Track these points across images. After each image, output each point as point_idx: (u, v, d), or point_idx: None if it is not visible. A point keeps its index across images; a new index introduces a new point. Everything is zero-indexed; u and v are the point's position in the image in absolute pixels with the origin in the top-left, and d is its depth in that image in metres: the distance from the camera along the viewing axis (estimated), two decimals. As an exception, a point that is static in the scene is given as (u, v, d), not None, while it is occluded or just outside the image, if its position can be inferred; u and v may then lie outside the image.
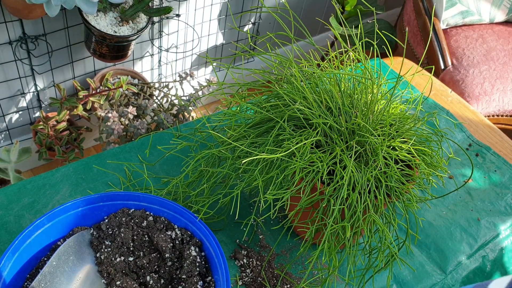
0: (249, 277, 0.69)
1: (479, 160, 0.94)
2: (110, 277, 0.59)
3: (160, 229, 0.63)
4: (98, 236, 0.63)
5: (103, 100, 1.31)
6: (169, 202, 0.64)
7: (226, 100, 0.73)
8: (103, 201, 0.64)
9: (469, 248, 0.79)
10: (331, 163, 0.60)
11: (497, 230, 0.82)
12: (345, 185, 0.57)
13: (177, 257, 0.62)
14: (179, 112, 1.42)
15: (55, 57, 1.42)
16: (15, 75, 1.38)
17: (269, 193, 0.60)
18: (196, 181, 0.71)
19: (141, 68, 1.67)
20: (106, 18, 1.29)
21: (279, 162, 0.62)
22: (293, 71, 0.67)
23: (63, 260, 0.59)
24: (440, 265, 0.76)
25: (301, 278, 0.70)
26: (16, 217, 0.69)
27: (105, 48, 1.32)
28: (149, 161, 0.80)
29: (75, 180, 0.75)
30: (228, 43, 1.85)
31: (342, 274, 0.71)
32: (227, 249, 0.72)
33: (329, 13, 2.09)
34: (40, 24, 1.31)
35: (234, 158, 0.66)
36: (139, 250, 0.62)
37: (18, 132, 1.55)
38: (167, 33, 1.61)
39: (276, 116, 0.65)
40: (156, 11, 1.31)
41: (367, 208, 0.59)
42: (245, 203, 0.77)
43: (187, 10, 1.61)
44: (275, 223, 0.76)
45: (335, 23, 1.62)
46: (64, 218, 0.62)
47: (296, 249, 0.74)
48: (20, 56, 1.34)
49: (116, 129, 1.28)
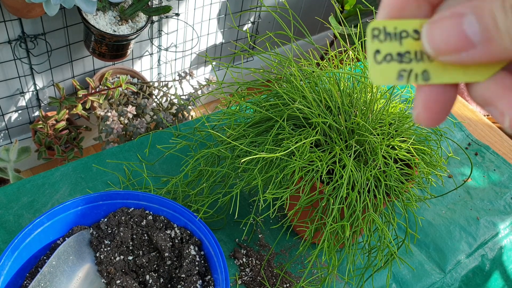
0: (248, 276, 0.69)
1: (478, 159, 0.94)
2: (109, 276, 0.59)
3: (159, 228, 0.63)
4: (97, 236, 0.63)
5: (103, 99, 1.31)
6: (169, 201, 0.64)
7: (225, 99, 0.73)
8: (103, 200, 0.64)
9: (468, 247, 0.79)
10: (331, 162, 0.60)
11: (496, 229, 0.82)
12: (344, 184, 0.57)
13: (176, 256, 0.62)
14: (179, 111, 1.42)
15: (54, 56, 1.42)
16: (14, 74, 1.38)
17: (268, 192, 0.60)
18: (195, 180, 0.71)
19: (140, 67, 1.67)
20: (105, 17, 1.29)
21: (278, 161, 0.62)
22: (293, 70, 0.67)
23: (63, 260, 0.59)
24: (440, 264, 0.76)
25: (300, 277, 0.70)
26: (15, 216, 0.69)
27: (105, 47, 1.32)
28: (149, 160, 0.80)
29: (75, 179, 0.75)
30: (228, 42, 1.85)
31: (342, 273, 0.71)
32: (227, 248, 0.72)
33: (329, 12, 2.09)
34: (39, 23, 1.31)
35: (233, 157, 0.66)
36: (138, 249, 0.62)
37: (17, 131, 1.55)
38: (167, 32, 1.61)
39: (276, 115, 0.65)
40: (155, 10, 1.31)
41: (367, 207, 0.59)
42: (245, 202, 0.77)
43: (186, 9, 1.61)
44: (274, 222, 0.76)
45: (334, 22, 1.62)
46: (64, 217, 0.62)
47: (296, 248, 0.74)
48: (19, 55, 1.34)
49: (115, 128, 1.28)
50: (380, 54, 0.21)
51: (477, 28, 0.19)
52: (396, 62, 0.21)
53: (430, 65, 0.21)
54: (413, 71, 0.21)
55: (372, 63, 0.22)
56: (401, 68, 0.21)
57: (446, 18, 0.20)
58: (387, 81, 0.22)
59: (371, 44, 0.21)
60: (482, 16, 0.19)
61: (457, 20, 0.19)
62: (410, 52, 0.21)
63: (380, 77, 0.22)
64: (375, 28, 0.21)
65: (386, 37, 0.21)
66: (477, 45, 0.19)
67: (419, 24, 0.21)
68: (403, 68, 0.21)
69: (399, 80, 0.22)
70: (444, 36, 0.20)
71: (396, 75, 0.22)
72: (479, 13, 0.19)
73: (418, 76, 0.21)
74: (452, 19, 0.19)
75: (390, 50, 0.21)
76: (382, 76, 0.22)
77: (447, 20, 0.20)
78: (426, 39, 0.20)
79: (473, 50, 0.19)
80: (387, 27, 0.21)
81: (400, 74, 0.21)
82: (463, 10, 0.19)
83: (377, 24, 0.21)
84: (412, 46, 0.21)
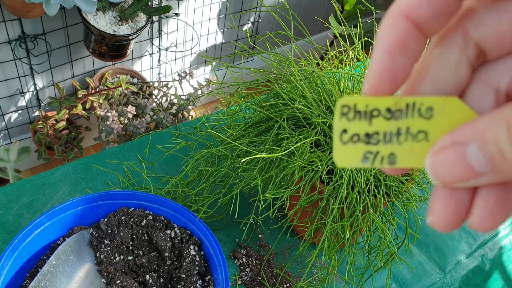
0: (248, 276, 0.69)
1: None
2: (109, 276, 0.59)
3: (159, 228, 0.63)
4: (97, 236, 0.63)
5: (103, 99, 1.31)
6: (169, 201, 0.64)
7: (225, 99, 0.73)
8: (103, 200, 0.64)
9: (468, 247, 0.79)
10: (331, 162, 0.60)
11: (496, 229, 0.82)
12: (344, 184, 0.57)
13: (176, 256, 0.62)
14: (179, 111, 1.42)
15: (54, 56, 1.42)
16: (14, 74, 1.38)
17: (268, 192, 0.60)
18: (195, 180, 0.71)
19: (140, 67, 1.67)
20: (105, 17, 1.29)
21: (278, 161, 0.62)
22: (293, 70, 0.67)
23: (63, 260, 0.59)
24: (439, 264, 0.76)
25: (300, 277, 0.70)
26: (15, 216, 0.69)
27: (104, 47, 1.32)
28: (149, 160, 0.80)
29: (75, 179, 0.75)
30: (228, 42, 1.85)
31: (342, 273, 0.71)
32: (227, 248, 0.72)
33: (329, 12, 2.09)
34: (39, 23, 1.31)
35: (233, 157, 0.66)
36: (138, 249, 0.62)
37: (17, 131, 1.55)
38: (167, 32, 1.61)
39: (276, 115, 0.65)
40: (155, 10, 1.31)
41: (367, 207, 0.59)
42: (245, 202, 0.77)
43: (186, 9, 1.60)
44: (274, 222, 0.76)
45: (334, 22, 1.62)
46: (64, 217, 0.62)
47: (296, 248, 0.74)
48: (19, 55, 1.34)
49: (115, 128, 1.28)
50: (347, 134, 0.20)
51: (483, 160, 0.18)
52: (362, 143, 0.20)
53: (398, 148, 0.20)
54: (379, 154, 0.20)
55: (337, 143, 0.21)
56: (367, 149, 0.20)
57: (447, 148, 0.19)
58: (351, 164, 0.21)
59: (338, 122, 0.20)
60: (486, 147, 0.17)
61: (460, 151, 0.18)
62: (379, 133, 0.20)
63: (344, 158, 0.21)
64: (344, 106, 0.20)
65: (355, 116, 0.20)
66: (485, 174, 0.18)
67: (392, 102, 0.20)
68: (369, 150, 0.20)
69: (363, 163, 0.21)
70: (449, 169, 0.18)
71: (361, 157, 0.21)
72: (483, 143, 0.17)
73: (384, 159, 0.20)
74: (454, 150, 0.18)
75: (357, 130, 0.20)
76: (346, 158, 0.21)
77: (449, 151, 0.18)
78: (430, 171, 0.19)
79: (482, 178, 0.18)
80: (358, 104, 0.20)
81: (366, 156, 0.20)
82: (465, 139, 0.18)
83: (347, 101, 0.20)
84: (382, 126, 0.20)
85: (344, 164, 0.21)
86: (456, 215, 0.19)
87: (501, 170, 0.17)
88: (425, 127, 0.20)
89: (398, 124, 0.20)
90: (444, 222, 0.20)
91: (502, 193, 0.19)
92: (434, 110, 0.20)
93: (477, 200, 0.19)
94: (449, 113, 0.20)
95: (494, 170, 0.18)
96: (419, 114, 0.20)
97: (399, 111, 0.20)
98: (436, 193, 0.20)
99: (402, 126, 0.20)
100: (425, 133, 0.20)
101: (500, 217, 0.19)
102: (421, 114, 0.20)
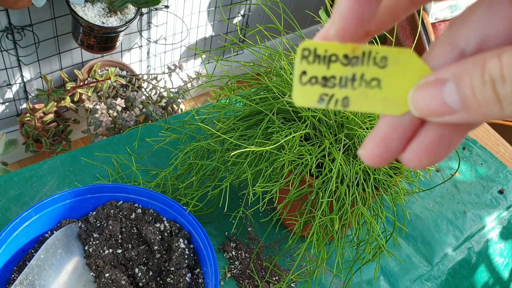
0: (237, 269, 0.69)
1: (465, 154, 0.95)
2: (98, 270, 0.59)
3: (148, 222, 0.63)
4: (86, 229, 0.62)
5: (91, 92, 1.30)
6: (158, 195, 0.64)
7: (215, 93, 0.73)
8: (91, 193, 0.63)
9: (455, 240, 0.80)
10: (320, 156, 0.60)
11: (483, 222, 0.83)
12: (333, 178, 0.58)
13: (165, 249, 0.62)
14: (168, 104, 1.41)
15: (42, 48, 1.40)
16: (1, 66, 1.36)
17: (258, 185, 0.60)
18: (185, 173, 0.71)
19: (129, 60, 1.66)
20: (94, 9, 1.27)
21: (268, 155, 0.62)
22: (283, 63, 0.67)
23: (51, 253, 0.58)
24: (427, 257, 0.77)
25: (289, 270, 0.70)
26: (2, 209, 0.69)
27: (93, 39, 1.31)
28: (138, 153, 0.79)
29: (63, 172, 0.75)
30: (217, 35, 1.84)
31: (330, 266, 0.72)
32: (216, 241, 0.72)
33: (319, 5, 2.09)
34: (27, 14, 1.29)
35: (223, 150, 0.66)
36: (127, 242, 0.62)
37: (4, 123, 1.54)
38: (156, 24, 1.60)
39: (265, 108, 0.65)
40: (145, 2, 1.30)
41: (355, 201, 0.60)
42: (234, 195, 0.77)
43: (176, 2, 1.59)
44: (263, 216, 0.76)
45: (324, 16, 1.62)
46: (52, 210, 0.61)
47: (285, 242, 0.74)
48: (6, 46, 1.32)
49: (104, 121, 1.27)
50: (306, 76, 0.22)
51: (456, 97, 0.19)
52: (319, 86, 0.22)
53: (352, 92, 0.22)
54: (334, 96, 0.22)
55: (296, 84, 0.22)
56: (323, 92, 0.22)
57: (430, 83, 0.20)
58: (308, 103, 0.22)
59: (299, 64, 0.22)
60: (461, 86, 0.19)
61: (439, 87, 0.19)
62: (336, 77, 0.22)
63: (301, 98, 0.22)
64: (305, 49, 0.21)
65: (315, 59, 0.22)
66: (458, 112, 0.19)
67: (350, 49, 0.21)
68: (325, 92, 0.22)
69: (319, 104, 0.22)
70: (427, 102, 0.20)
71: (318, 98, 0.22)
72: (458, 82, 0.19)
73: (338, 102, 0.22)
74: (435, 86, 0.20)
75: (316, 73, 0.22)
76: (304, 98, 0.22)
77: (430, 86, 0.20)
78: (411, 103, 0.21)
79: (455, 115, 0.19)
80: (318, 49, 0.21)
81: (322, 98, 0.22)
82: (445, 76, 0.19)
83: (308, 45, 0.21)
84: (339, 71, 0.21)
85: (301, 102, 0.22)
86: (383, 157, 0.22)
87: (472, 109, 0.19)
88: (379, 75, 0.21)
89: (353, 70, 0.21)
90: (372, 160, 0.22)
91: (443, 131, 0.20)
92: (389, 60, 0.21)
93: (416, 137, 0.21)
94: (402, 64, 0.21)
95: (466, 108, 0.19)
96: (374, 62, 0.21)
97: (356, 58, 0.21)
98: (373, 132, 0.22)
99: (357, 72, 0.21)
100: (378, 80, 0.21)
101: (433, 154, 0.21)
102: (376, 63, 0.21)
